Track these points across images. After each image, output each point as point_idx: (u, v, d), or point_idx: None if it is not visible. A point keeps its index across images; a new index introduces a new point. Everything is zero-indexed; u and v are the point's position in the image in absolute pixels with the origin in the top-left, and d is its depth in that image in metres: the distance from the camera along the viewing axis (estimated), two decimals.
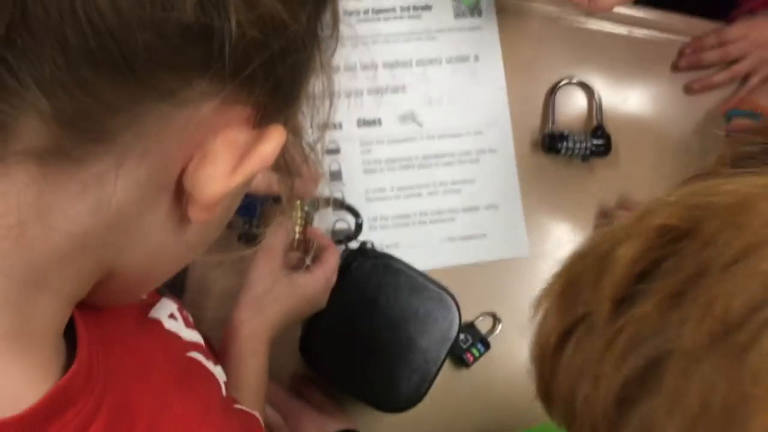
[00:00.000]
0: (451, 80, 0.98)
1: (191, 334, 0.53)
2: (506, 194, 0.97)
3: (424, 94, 0.98)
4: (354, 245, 0.88)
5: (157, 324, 0.50)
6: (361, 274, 0.84)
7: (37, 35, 0.29)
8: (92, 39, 0.29)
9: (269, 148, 0.37)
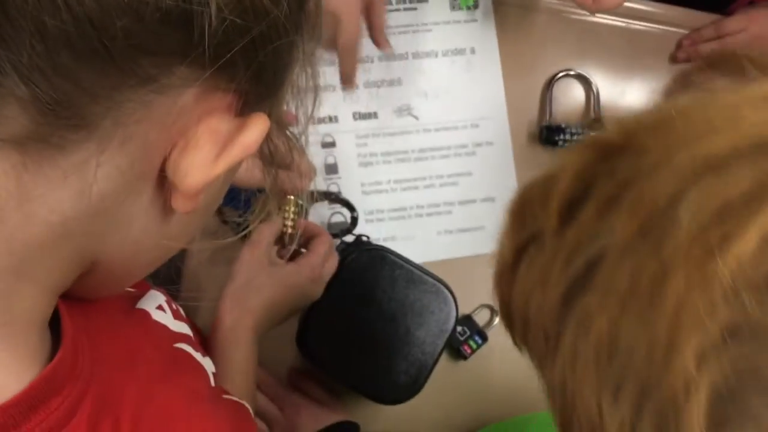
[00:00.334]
0: (448, 73, 0.98)
1: (179, 326, 0.53)
2: (503, 187, 0.97)
3: (421, 87, 0.97)
4: (350, 239, 0.88)
5: (145, 315, 0.50)
6: (357, 268, 0.84)
7: (15, 21, 0.29)
8: (71, 25, 0.29)
9: (252, 137, 0.37)
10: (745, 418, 0.26)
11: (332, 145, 0.95)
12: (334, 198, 0.91)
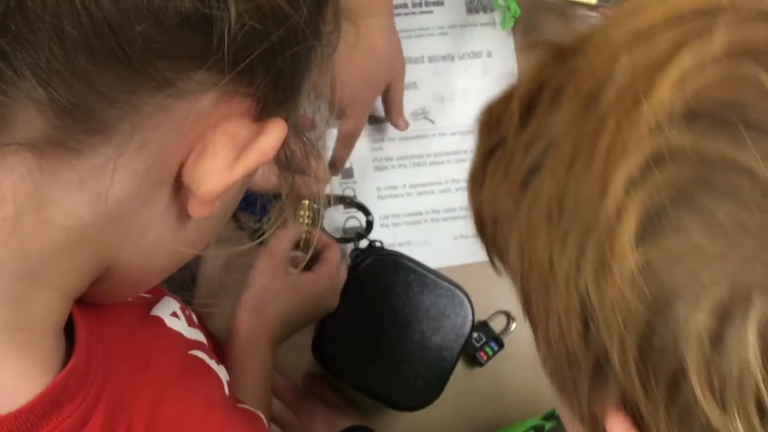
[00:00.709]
0: (464, 76, 0.97)
1: (193, 333, 0.52)
2: None
3: (437, 91, 0.97)
4: (364, 243, 0.88)
5: (159, 321, 0.50)
6: (372, 273, 0.84)
7: (34, 24, 0.28)
8: (89, 28, 0.29)
9: (269, 142, 0.37)
10: (673, 230, 0.29)
11: None
12: (349, 202, 0.91)
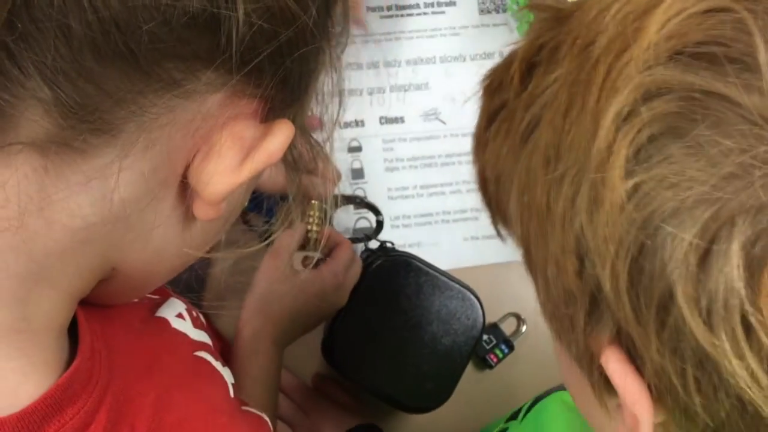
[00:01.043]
0: (476, 77, 0.96)
1: (199, 334, 0.52)
2: None
3: (448, 92, 0.96)
4: (374, 244, 0.87)
5: (164, 323, 0.50)
6: (382, 274, 0.83)
7: (40, 22, 0.28)
8: (96, 27, 0.29)
9: (276, 144, 0.37)
10: (660, 158, 0.30)
11: (358, 149, 0.94)
12: (360, 202, 0.90)
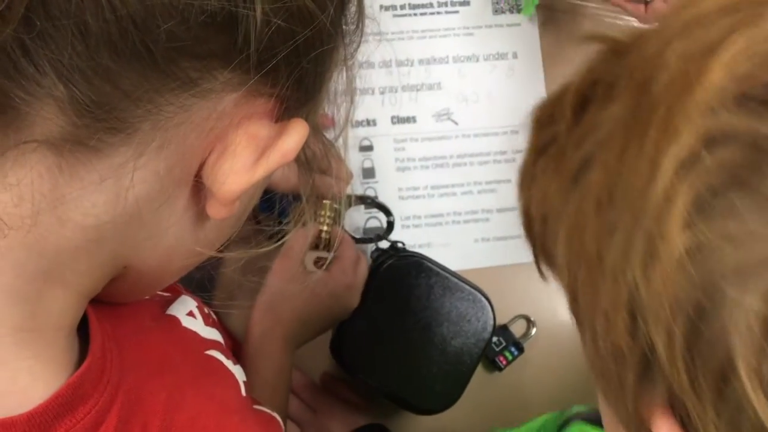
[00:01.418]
0: (489, 78, 0.96)
1: (210, 333, 0.52)
2: None
3: (461, 92, 0.96)
4: (385, 244, 0.87)
5: (175, 321, 0.49)
6: (393, 274, 0.83)
7: (57, 20, 0.28)
8: (113, 25, 0.29)
9: (291, 143, 0.36)
10: (723, 212, 0.28)
11: (370, 148, 0.94)
12: (371, 202, 0.90)
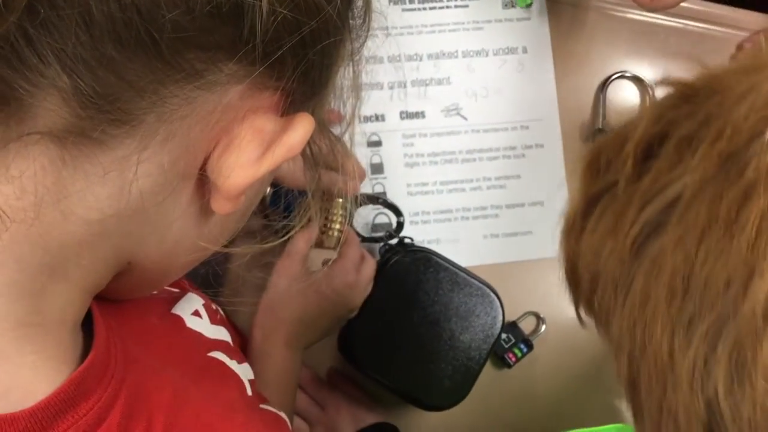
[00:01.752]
0: (498, 73, 0.96)
1: (216, 331, 0.51)
2: (553, 191, 0.94)
3: (470, 87, 0.95)
4: (393, 240, 0.87)
5: (179, 321, 0.49)
6: (401, 270, 0.82)
7: (61, 8, 0.28)
8: (118, 14, 0.28)
9: (297, 137, 0.36)
10: None
11: (378, 144, 0.93)
12: (382, 202, 0.89)
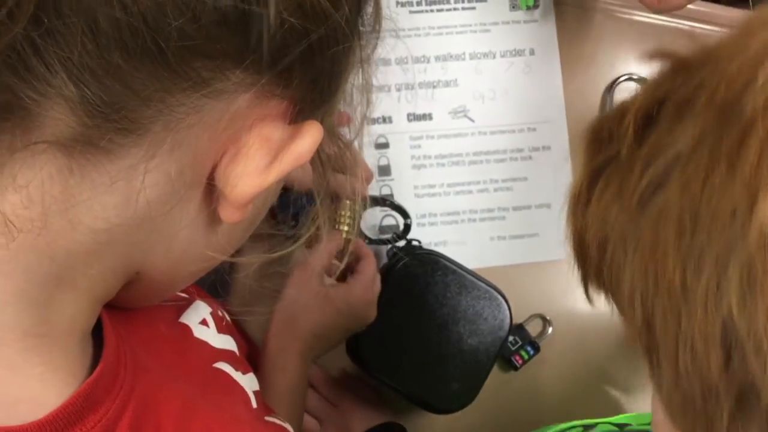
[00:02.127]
0: (505, 75, 0.96)
1: (223, 341, 0.51)
2: (559, 193, 0.94)
3: (477, 89, 0.95)
4: (401, 242, 0.87)
5: (187, 330, 0.49)
6: (408, 273, 0.82)
7: (67, 17, 0.28)
8: (124, 23, 0.28)
9: (305, 146, 0.36)
10: None
11: (385, 146, 0.93)
12: (389, 204, 0.89)
